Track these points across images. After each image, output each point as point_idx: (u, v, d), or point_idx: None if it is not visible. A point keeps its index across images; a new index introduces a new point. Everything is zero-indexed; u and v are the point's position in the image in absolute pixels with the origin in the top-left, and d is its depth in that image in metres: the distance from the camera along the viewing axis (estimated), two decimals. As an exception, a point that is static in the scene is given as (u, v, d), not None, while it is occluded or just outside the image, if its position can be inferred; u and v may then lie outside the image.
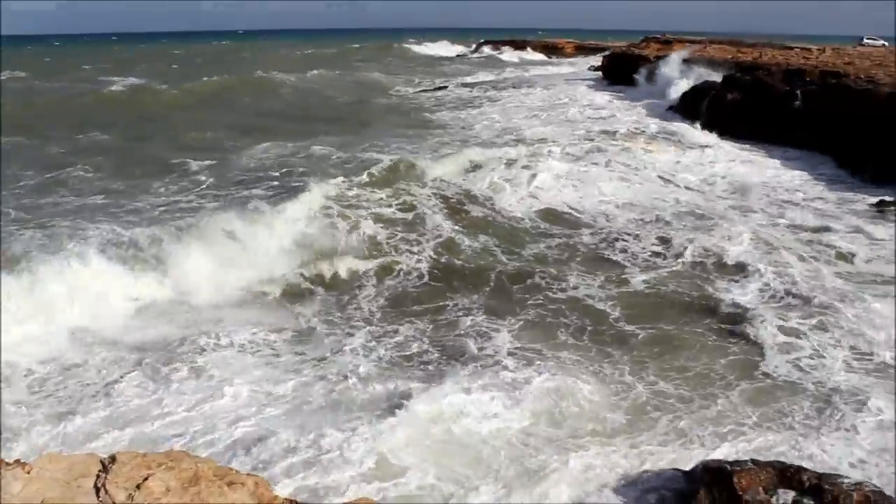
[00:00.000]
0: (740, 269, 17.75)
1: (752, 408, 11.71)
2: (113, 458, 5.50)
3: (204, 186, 24.35)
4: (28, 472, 5.14)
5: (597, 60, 74.41)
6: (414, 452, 9.97)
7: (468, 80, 67.87)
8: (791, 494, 7.90)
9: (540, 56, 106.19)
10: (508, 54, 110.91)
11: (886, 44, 73.37)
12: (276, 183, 24.34)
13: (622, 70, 59.74)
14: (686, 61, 50.99)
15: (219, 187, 24.11)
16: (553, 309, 15.62)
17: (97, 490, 5.12)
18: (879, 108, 29.33)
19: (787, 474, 8.16)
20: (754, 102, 36.55)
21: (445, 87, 59.57)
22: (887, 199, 23.94)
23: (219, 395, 11.74)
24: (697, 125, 37.27)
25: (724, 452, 10.15)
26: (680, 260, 18.53)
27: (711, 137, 35.26)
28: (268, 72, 62.72)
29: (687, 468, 9.16)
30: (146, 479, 5.24)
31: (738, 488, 7.91)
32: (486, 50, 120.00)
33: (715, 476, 8.26)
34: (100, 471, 5.34)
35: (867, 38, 77.61)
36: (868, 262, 18.35)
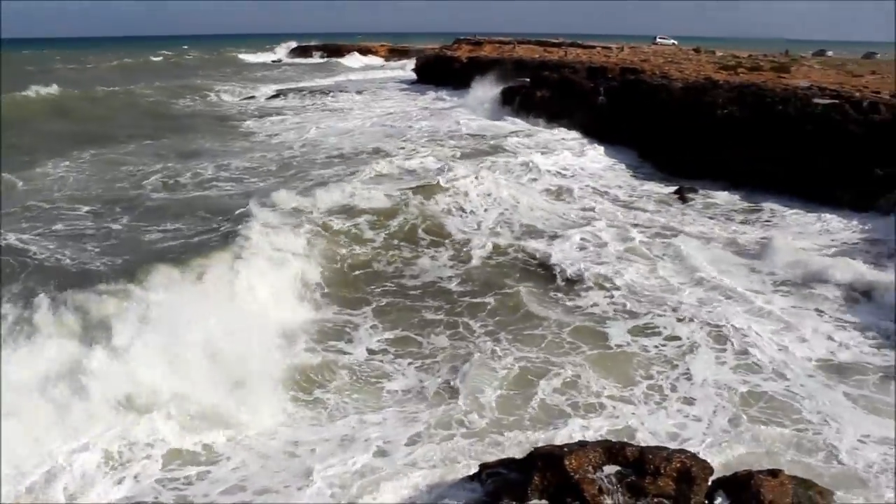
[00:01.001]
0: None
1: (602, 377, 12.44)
2: None
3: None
4: None
5: (411, 63, 75.05)
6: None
7: (304, 85, 65.54)
8: (615, 469, 8.22)
9: (363, 60, 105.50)
10: (324, 58, 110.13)
11: (676, 42, 78.84)
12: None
13: (436, 71, 60.41)
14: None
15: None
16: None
17: None
18: (673, 103, 31.12)
19: (612, 451, 8.43)
20: (562, 99, 37.92)
21: (280, 95, 56.35)
22: (685, 186, 25.84)
23: None
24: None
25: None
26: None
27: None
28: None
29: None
30: None
31: (568, 470, 8.10)
32: (316, 56, 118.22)
33: (546, 461, 8.37)
34: None
35: (659, 38, 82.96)
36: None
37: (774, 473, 8.44)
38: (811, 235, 20.90)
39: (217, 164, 28.03)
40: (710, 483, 8.40)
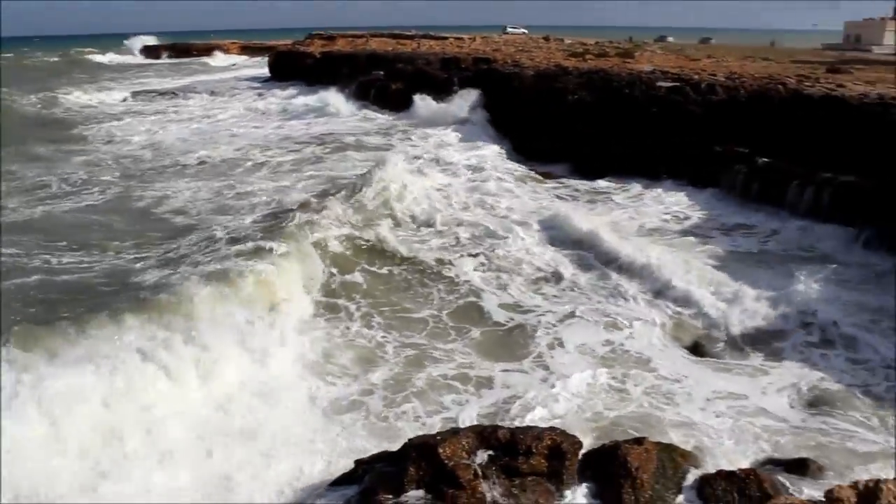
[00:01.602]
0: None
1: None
2: None
3: None
4: None
5: (265, 60, 73.23)
6: None
7: (156, 87, 61.30)
8: (489, 453, 8.36)
9: (215, 59, 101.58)
10: (173, 57, 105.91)
11: (526, 31, 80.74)
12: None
13: (289, 67, 59.31)
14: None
15: None
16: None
17: None
18: (525, 90, 31.83)
19: (484, 435, 8.57)
20: (417, 90, 38.04)
21: (133, 98, 53.01)
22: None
23: None
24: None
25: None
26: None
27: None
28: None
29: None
30: None
31: (443, 458, 8.16)
32: (164, 56, 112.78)
33: (420, 451, 8.41)
34: None
35: (510, 27, 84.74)
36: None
37: (639, 441, 8.76)
38: (647, 213, 21.97)
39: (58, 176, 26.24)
40: (580, 457, 8.66)
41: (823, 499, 3.24)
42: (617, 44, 54.75)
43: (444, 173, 25.72)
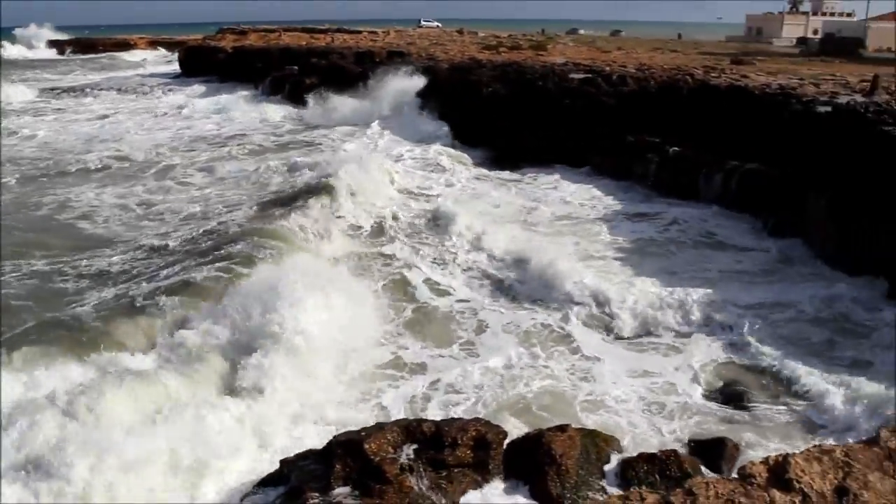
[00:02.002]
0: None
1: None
2: None
3: None
4: None
5: (175, 55, 71.25)
6: None
7: (65, 84, 58.02)
8: (413, 447, 8.35)
9: (124, 55, 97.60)
10: (76, 53, 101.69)
11: (440, 25, 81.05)
12: None
13: (201, 63, 57.94)
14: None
15: None
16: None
17: None
18: (440, 83, 31.94)
19: (410, 429, 8.57)
20: (331, 83, 37.72)
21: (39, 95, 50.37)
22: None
23: None
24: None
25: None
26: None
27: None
28: None
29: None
30: None
31: (368, 454, 8.13)
32: (68, 52, 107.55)
33: (346, 448, 8.35)
34: None
35: (424, 21, 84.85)
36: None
37: (563, 429, 8.90)
38: (556, 202, 22.25)
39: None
40: (505, 446, 8.76)
41: (737, 476, 3.36)
42: (530, 37, 55.41)
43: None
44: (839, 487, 3.13)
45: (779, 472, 3.23)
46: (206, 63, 56.54)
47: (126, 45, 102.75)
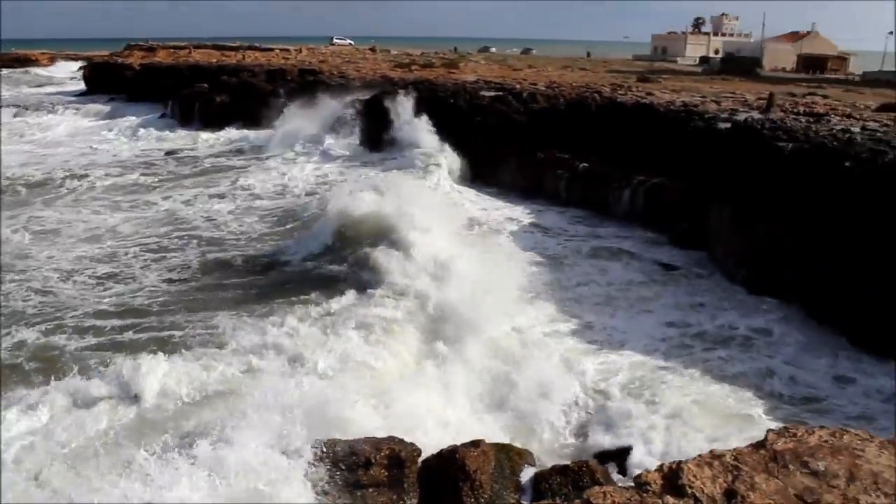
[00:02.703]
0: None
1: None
2: None
3: None
4: None
5: (80, 72, 68.88)
6: None
7: None
8: (327, 467, 8.28)
9: (21, 72, 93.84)
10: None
11: (353, 42, 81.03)
12: None
13: (108, 80, 56.32)
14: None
15: None
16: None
17: None
18: (351, 101, 32.02)
19: (323, 451, 8.44)
20: (241, 102, 37.38)
21: None
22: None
23: None
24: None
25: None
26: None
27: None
28: None
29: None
30: None
31: None
32: None
33: None
34: None
35: (336, 38, 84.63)
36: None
37: (476, 444, 8.95)
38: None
39: None
40: (419, 464, 8.75)
41: (633, 484, 3.47)
42: (442, 54, 55.98)
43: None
44: (728, 490, 3.26)
45: (672, 478, 3.35)
46: (114, 80, 54.98)
47: (27, 61, 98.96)
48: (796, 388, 11.83)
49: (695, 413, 10.73)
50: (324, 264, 16.62)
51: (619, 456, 9.62)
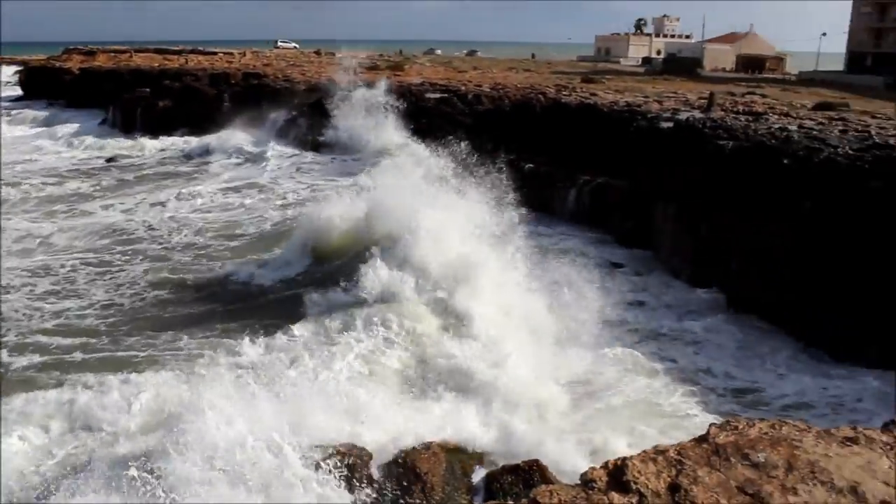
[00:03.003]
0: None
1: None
2: None
3: None
4: None
5: (15, 76, 67.19)
6: None
7: None
8: None
9: None
10: None
11: (297, 46, 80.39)
12: None
13: (45, 85, 54.97)
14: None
15: None
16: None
17: None
18: (299, 104, 31.79)
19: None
20: (185, 106, 36.87)
21: None
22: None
23: None
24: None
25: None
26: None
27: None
28: None
29: None
30: None
31: None
32: None
33: None
34: None
35: (281, 42, 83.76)
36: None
37: (427, 446, 8.97)
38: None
39: None
40: (370, 468, 8.71)
41: (580, 482, 3.50)
42: (388, 57, 55.80)
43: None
44: (672, 485, 3.31)
45: (617, 475, 3.39)
46: (53, 85, 53.69)
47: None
48: (733, 382, 12.12)
49: (638, 410, 10.90)
50: (286, 279, 16.55)
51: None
